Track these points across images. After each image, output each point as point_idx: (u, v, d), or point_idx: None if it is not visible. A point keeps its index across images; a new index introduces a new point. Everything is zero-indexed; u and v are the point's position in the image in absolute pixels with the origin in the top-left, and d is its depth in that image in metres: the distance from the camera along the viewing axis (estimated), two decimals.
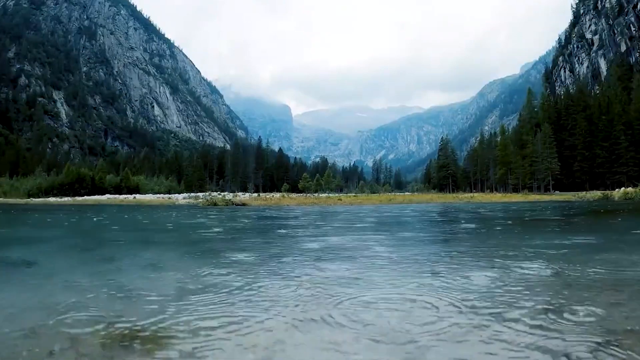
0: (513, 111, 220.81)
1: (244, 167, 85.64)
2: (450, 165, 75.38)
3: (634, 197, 19.52)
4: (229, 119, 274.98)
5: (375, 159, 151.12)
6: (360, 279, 2.37)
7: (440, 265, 2.85)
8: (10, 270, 2.97)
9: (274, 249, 4.05)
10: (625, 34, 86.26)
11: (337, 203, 21.88)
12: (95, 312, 1.70)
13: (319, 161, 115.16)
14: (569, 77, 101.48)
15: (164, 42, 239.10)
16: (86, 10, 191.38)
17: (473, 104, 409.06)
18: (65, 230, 7.44)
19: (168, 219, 10.33)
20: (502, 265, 2.75)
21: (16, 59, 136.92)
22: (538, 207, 15.20)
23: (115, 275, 2.61)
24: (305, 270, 2.68)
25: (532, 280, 2.26)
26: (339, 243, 4.44)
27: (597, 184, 50.57)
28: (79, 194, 52.12)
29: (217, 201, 21.10)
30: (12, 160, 76.68)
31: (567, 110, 59.54)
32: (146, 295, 2.02)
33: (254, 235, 6.08)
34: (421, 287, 2.14)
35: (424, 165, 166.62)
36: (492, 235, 5.66)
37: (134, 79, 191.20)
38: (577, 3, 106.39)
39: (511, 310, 1.65)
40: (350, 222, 8.20)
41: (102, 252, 3.98)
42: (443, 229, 7.19)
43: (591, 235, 5.18)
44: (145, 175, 74.85)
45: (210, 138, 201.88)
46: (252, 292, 2.08)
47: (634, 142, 50.17)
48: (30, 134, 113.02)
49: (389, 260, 3.16)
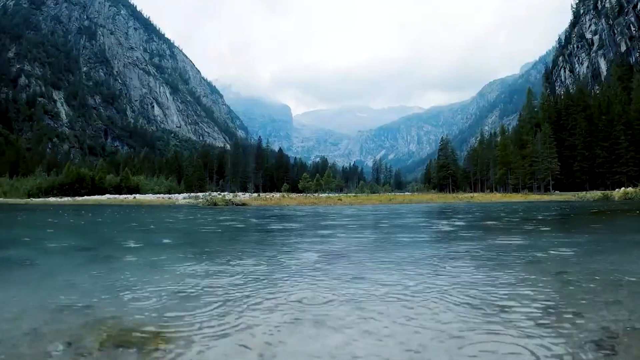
0: (513, 111, 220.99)
1: (244, 167, 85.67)
2: (450, 165, 75.41)
3: (634, 197, 19.52)
4: (229, 119, 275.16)
5: (375, 159, 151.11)
6: (364, 278, 2.37)
7: (440, 264, 2.84)
8: (10, 270, 2.97)
9: (274, 249, 4.04)
10: (625, 34, 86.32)
11: (337, 203, 21.87)
12: (95, 312, 1.70)
13: (319, 161, 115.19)
14: (569, 77, 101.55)
15: (164, 42, 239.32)
16: (86, 10, 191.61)
17: (473, 104, 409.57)
18: (65, 230, 7.43)
19: (168, 219, 10.32)
20: (503, 264, 2.75)
21: (16, 59, 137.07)
22: (540, 206, 15.20)
23: (115, 275, 2.61)
24: (306, 271, 2.68)
25: (532, 280, 2.26)
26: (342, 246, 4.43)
27: (597, 184, 50.60)
28: (79, 194, 52.13)
29: (217, 201, 21.08)
30: (12, 160, 76.72)
31: (567, 110, 59.55)
32: (146, 295, 2.01)
33: (254, 236, 6.08)
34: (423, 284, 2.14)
35: (424, 165, 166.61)
36: (496, 235, 5.65)
37: (134, 79, 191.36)
38: (577, 3, 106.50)
39: (511, 309, 1.65)
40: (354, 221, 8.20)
41: (102, 252, 3.98)
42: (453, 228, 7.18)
43: (592, 234, 5.18)
44: (145, 175, 74.88)
45: (210, 138, 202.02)
46: (252, 292, 2.07)
47: (634, 142, 50.19)
48: (30, 134, 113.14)
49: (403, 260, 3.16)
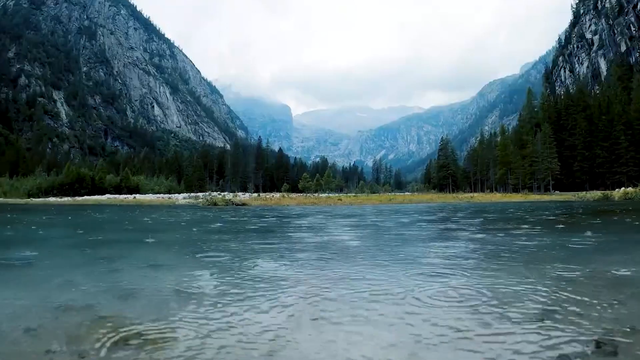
0: (513, 111, 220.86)
1: (244, 167, 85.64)
2: (450, 165, 75.37)
3: (634, 197, 19.52)
4: (229, 119, 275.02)
5: (375, 159, 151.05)
6: (364, 278, 2.37)
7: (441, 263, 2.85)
8: (9, 270, 2.97)
9: (275, 250, 4.05)
10: (625, 34, 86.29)
11: (337, 203, 21.88)
12: (95, 311, 1.70)
13: (319, 161, 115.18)
14: (569, 77, 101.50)
15: (164, 42, 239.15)
16: (86, 10, 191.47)
17: (473, 104, 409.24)
18: (64, 230, 7.43)
19: (168, 219, 10.33)
20: (503, 264, 2.75)
21: (16, 59, 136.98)
22: (540, 206, 15.21)
23: (115, 275, 2.61)
24: (306, 272, 2.68)
25: (532, 279, 2.26)
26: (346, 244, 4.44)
27: (597, 184, 50.58)
28: (79, 194, 52.08)
29: (217, 201, 21.10)
30: (12, 160, 76.64)
31: (567, 110, 59.53)
32: (146, 295, 2.02)
33: (254, 236, 6.08)
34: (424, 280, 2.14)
35: (424, 165, 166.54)
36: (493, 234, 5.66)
37: (134, 79, 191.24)
38: (577, 3, 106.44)
39: (511, 309, 1.65)
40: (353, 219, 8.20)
41: (102, 252, 3.98)
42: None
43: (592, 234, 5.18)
44: (145, 175, 74.82)
45: (210, 138, 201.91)
46: (252, 292, 2.07)
47: (634, 142, 50.17)
48: (30, 134, 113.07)
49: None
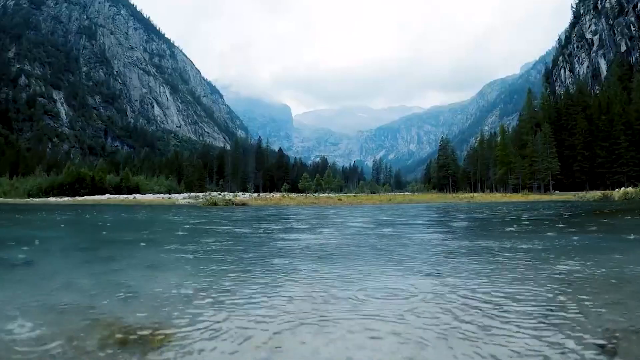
0: (513, 111, 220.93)
1: (244, 167, 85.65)
2: (450, 165, 75.39)
3: (634, 197, 19.50)
4: (229, 119, 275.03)
5: (375, 159, 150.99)
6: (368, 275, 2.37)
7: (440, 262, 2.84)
8: (9, 270, 2.97)
9: (274, 249, 4.05)
10: (625, 34, 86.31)
11: (337, 203, 21.87)
12: (95, 312, 1.71)
13: (319, 161, 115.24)
14: (569, 77, 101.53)
15: (164, 42, 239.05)
16: (86, 10, 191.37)
17: (473, 104, 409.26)
18: (64, 230, 7.43)
19: (168, 219, 10.33)
20: (504, 263, 2.75)
21: (16, 59, 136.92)
22: (540, 206, 15.20)
23: (115, 275, 2.61)
24: (306, 272, 2.68)
25: (532, 279, 2.26)
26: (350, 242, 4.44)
27: (597, 184, 50.58)
28: (79, 194, 52.04)
29: (217, 201, 21.09)
30: (12, 160, 76.58)
31: (567, 110, 59.54)
32: (146, 295, 2.02)
33: (254, 236, 6.07)
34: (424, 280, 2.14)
35: (424, 165, 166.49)
36: (489, 234, 5.66)
37: (134, 79, 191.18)
38: (577, 3, 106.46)
39: (512, 308, 1.65)
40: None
41: (102, 252, 3.98)
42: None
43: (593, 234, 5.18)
44: (145, 175, 74.76)
45: (210, 138, 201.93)
46: (252, 291, 2.08)
47: (634, 142, 50.19)
48: (30, 134, 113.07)
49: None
